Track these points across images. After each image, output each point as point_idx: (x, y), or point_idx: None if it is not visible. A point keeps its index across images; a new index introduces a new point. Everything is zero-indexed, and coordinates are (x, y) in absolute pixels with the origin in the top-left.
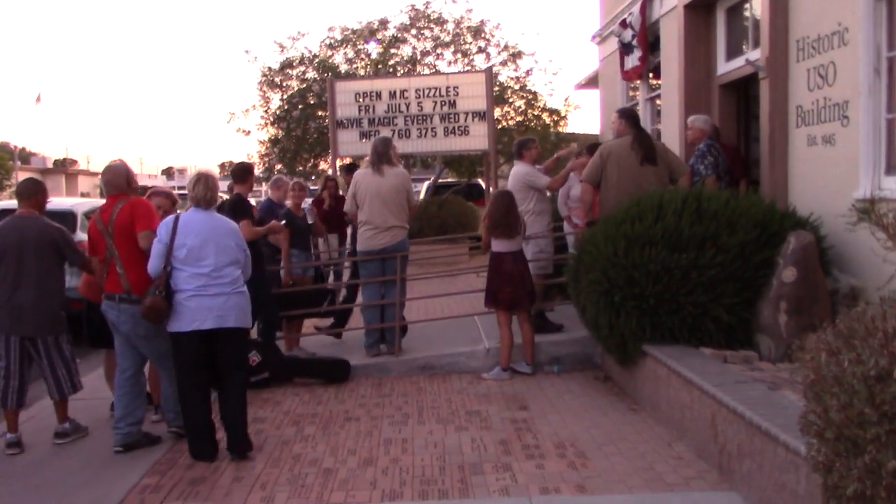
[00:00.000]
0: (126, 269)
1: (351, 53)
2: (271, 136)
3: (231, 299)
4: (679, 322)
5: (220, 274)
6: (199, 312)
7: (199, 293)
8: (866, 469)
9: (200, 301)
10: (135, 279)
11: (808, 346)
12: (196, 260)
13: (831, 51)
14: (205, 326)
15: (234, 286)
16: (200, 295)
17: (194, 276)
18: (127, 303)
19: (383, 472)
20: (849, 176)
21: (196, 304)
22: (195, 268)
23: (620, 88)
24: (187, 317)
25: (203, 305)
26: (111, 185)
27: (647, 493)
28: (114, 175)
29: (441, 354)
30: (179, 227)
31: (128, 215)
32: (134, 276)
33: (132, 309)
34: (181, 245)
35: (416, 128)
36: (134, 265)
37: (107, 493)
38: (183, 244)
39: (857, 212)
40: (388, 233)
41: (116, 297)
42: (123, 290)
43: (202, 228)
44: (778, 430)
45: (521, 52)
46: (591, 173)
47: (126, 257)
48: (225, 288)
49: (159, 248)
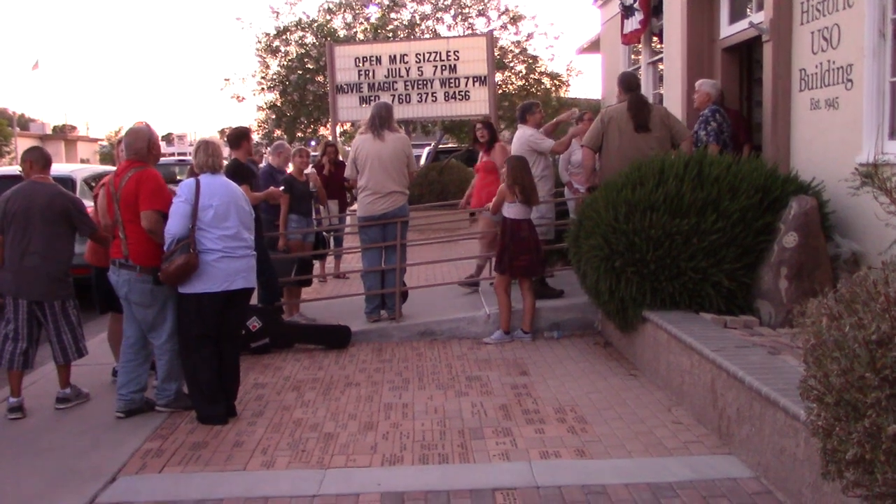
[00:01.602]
0: (127, 235)
1: (350, 18)
2: (268, 103)
3: (251, 261)
4: (679, 287)
5: (242, 236)
6: (228, 274)
7: (228, 255)
8: (866, 433)
9: (230, 263)
10: (134, 247)
11: (809, 311)
12: (221, 221)
13: (836, 13)
14: (234, 287)
15: (251, 249)
16: (230, 256)
17: (222, 237)
18: (125, 268)
19: (384, 437)
20: (852, 140)
21: (226, 266)
22: (221, 230)
23: (622, 53)
24: (218, 277)
25: (232, 267)
26: (131, 148)
27: (647, 457)
28: (135, 138)
29: (441, 320)
30: (202, 189)
31: (134, 187)
32: (133, 245)
33: (129, 274)
34: (207, 206)
35: (416, 93)
36: (135, 234)
37: (109, 457)
38: (209, 205)
39: (859, 176)
40: (389, 198)
41: (117, 262)
42: (123, 256)
43: (224, 192)
44: (777, 395)
45: (522, 16)
46: (591, 138)
47: (129, 225)
48: (248, 250)
49: (185, 207)
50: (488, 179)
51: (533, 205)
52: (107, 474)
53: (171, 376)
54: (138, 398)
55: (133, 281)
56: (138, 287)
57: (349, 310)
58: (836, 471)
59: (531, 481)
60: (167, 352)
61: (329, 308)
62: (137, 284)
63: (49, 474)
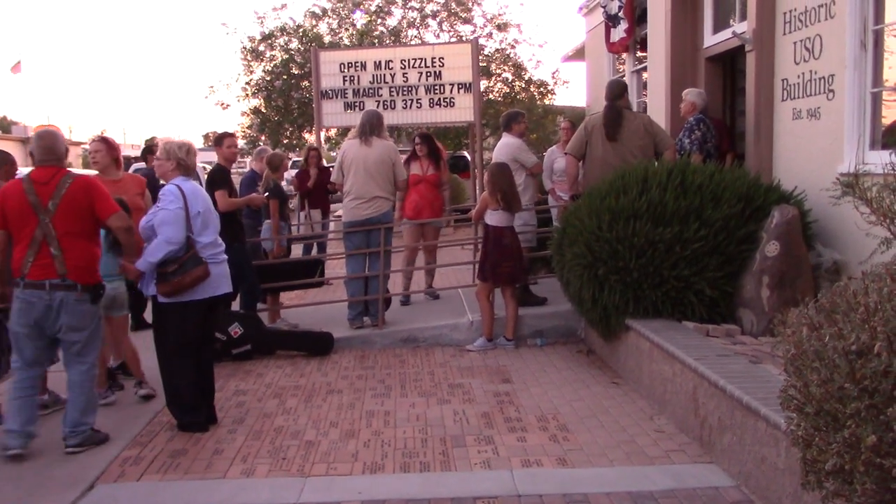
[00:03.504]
0: (64, 250)
1: (335, 23)
2: (252, 108)
3: (227, 266)
4: (662, 296)
5: (219, 242)
6: (214, 279)
7: (212, 261)
8: (845, 444)
9: (214, 269)
10: (73, 263)
11: (789, 321)
12: (205, 228)
13: (818, 24)
14: (219, 292)
15: (224, 254)
16: (213, 262)
17: (206, 245)
18: (61, 289)
19: (365, 445)
20: (833, 150)
21: (213, 272)
22: (205, 237)
23: (607, 61)
24: (205, 284)
25: (216, 273)
26: (52, 152)
27: (629, 466)
28: (54, 141)
29: (425, 327)
30: (188, 195)
31: (83, 196)
32: (73, 260)
33: (65, 296)
34: (196, 214)
35: (401, 99)
36: (75, 248)
37: (87, 464)
38: (197, 212)
39: (841, 186)
40: (372, 203)
41: (47, 283)
42: (58, 275)
43: (203, 197)
44: (759, 404)
45: (507, 23)
46: (575, 146)
47: (66, 238)
48: (224, 255)
49: (180, 213)
50: (430, 194)
51: (515, 212)
52: (85, 482)
53: (90, 408)
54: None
55: (71, 303)
56: (77, 309)
57: (332, 316)
58: (815, 481)
59: (513, 490)
60: (90, 379)
61: (312, 314)
62: (76, 306)
63: (26, 482)
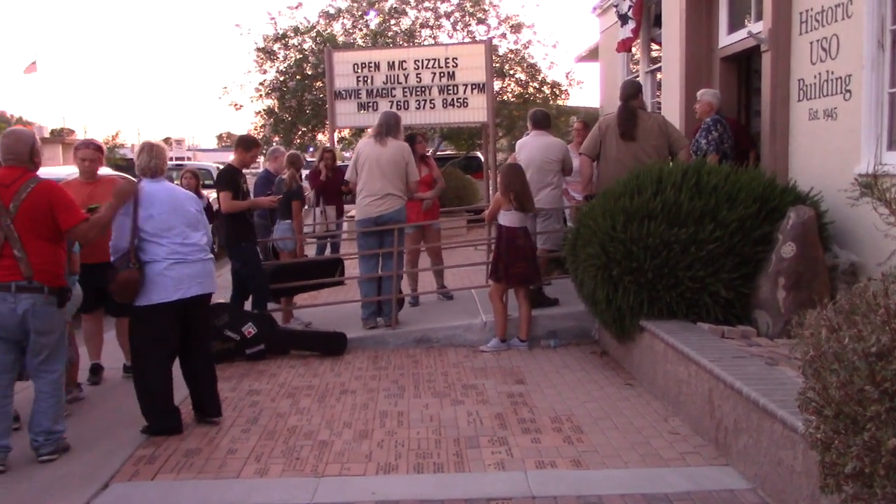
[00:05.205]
0: (28, 252)
1: (349, 24)
2: (266, 108)
3: (207, 265)
4: (677, 297)
5: (192, 241)
6: (181, 281)
7: (180, 261)
8: (865, 447)
9: (181, 269)
10: (39, 265)
11: (807, 323)
12: (167, 229)
13: (835, 23)
14: (189, 294)
15: (205, 252)
16: (181, 262)
17: (170, 244)
18: (28, 291)
19: (379, 445)
20: (850, 150)
21: (177, 273)
22: (168, 237)
23: (620, 61)
24: (169, 287)
25: (184, 273)
26: (12, 152)
27: (643, 468)
28: (16, 141)
29: (438, 327)
30: (142, 198)
31: (45, 202)
32: (38, 263)
33: (33, 298)
34: (147, 216)
35: (414, 99)
36: (39, 249)
37: (101, 463)
38: (149, 215)
39: (859, 187)
40: (385, 200)
41: (13, 285)
42: (24, 277)
43: (164, 198)
44: (775, 406)
45: (521, 24)
46: (589, 146)
47: (29, 240)
48: (200, 254)
49: (124, 220)
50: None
51: (528, 212)
52: (99, 481)
53: (60, 415)
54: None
55: (38, 305)
56: (44, 312)
57: (345, 316)
58: (834, 484)
59: (527, 491)
60: (60, 387)
61: (325, 314)
62: (44, 309)
63: (41, 481)
